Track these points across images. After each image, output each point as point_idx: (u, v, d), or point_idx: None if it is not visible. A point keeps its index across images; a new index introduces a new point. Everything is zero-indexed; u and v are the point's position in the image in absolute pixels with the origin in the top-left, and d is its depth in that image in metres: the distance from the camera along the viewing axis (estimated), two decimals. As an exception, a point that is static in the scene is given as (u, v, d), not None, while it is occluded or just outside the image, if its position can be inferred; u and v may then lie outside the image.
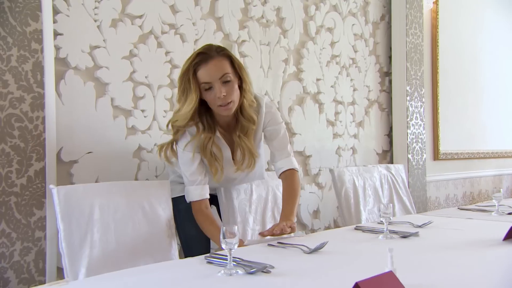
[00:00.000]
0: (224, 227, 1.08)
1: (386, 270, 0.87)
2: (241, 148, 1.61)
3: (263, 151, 1.81)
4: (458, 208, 2.12)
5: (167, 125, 1.61)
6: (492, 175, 3.94)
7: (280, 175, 1.73)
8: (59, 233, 1.34)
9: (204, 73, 1.48)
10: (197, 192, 1.60)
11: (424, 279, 0.94)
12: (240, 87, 1.55)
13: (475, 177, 3.76)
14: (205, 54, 1.49)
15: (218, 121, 1.61)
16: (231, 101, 1.50)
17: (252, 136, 1.62)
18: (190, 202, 1.61)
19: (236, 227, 1.07)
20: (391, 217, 1.39)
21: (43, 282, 1.61)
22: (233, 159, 1.65)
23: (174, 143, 1.60)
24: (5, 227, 1.51)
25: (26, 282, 1.58)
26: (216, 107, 1.52)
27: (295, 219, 1.58)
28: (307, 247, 1.25)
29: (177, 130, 1.57)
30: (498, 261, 1.12)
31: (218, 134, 1.60)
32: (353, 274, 1.02)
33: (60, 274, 1.66)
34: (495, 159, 3.94)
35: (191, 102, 1.48)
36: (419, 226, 1.56)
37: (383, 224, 1.43)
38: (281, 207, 2.00)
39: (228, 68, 1.50)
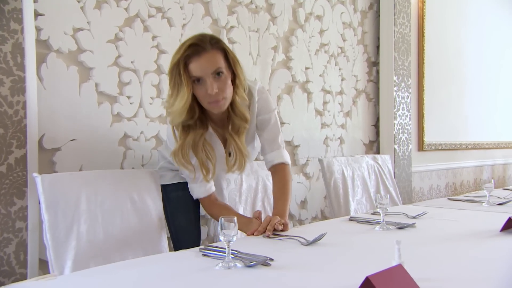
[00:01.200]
0: (222, 218, 1.03)
1: (394, 263, 0.85)
2: (232, 148, 1.52)
3: (258, 143, 1.76)
4: (448, 198, 2.13)
5: (173, 129, 1.48)
6: (473, 166, 4.01)
7: (270, 168, 1.65)
8: (44, 224, 1.27)
9: (195, 67, 1.36)
10: (203, 189, 1.54)
11: (432, 273, 0.92)
12: (233, 82, 1.44)
13: (458, 168, 3.81)
14: (198, 46, 1.37)
15: (210, 117, 1.51)
16: (223, 98, 1.40)
17: (244, 134, 1.52)
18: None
19: (235, 218, 1.03)
20: (388, 208, 1.37)
21: (24, 275, 1.54)
22: (226, 157, 1.57)
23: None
24: (-16, 218, 1.43)
25: (6, 275, 1.50)
26: (206, 104, 1.41)
27: (287, 217, 1.49)
28: (305, 239, 1.22)
29: (183, 127, 1.45)
30: (501, 252, 1.11)
31: (211, 130, 1.51)
32: (355, 267, 0.99)
33: (42, 266, 1.59)
34: (476, 150, 4.01)
35: (184, 98, 1.37)
36: (414, 217, 1.56)
37: (377, 214, 1.41)
38: (271, 197, 1.98)
39: (221, 62, 1.39)
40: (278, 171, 1.60)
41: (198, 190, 1.55)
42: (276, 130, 1.63)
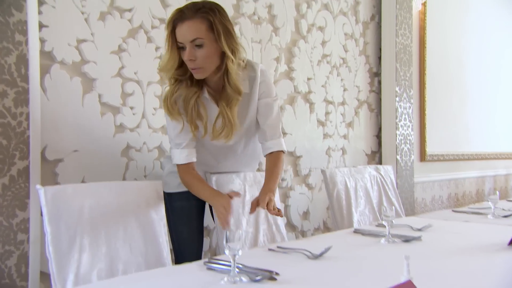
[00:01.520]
0: (227, 231, 1.02)
1: (403, 278, 0.83)
2: (222, 116, 1.51)
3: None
4: (452, 210, 2.12)
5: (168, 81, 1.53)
6: (475, 177, 3.99)
7: (267, 154, 1.66)
8: (46, 237, 1.25)
9: (178, 33, 1.41)
10: (183, 155, 1.53)
11: (440, 288, 0.91)
12: (224, 54, 1.44)
13: (460, 178, 3.80)
14: (182, 13, 1.40)
15: (206, 80, 1.52)
16: (200, 67, 1.42)
17: (236, 106, 1.51)
18: (175, 164, 1.56)
19: (240, 232, 1.01)
20: (393, 221, 1.35)
21: (25, 288, 1.52)
22: (215, 128, 1.56)
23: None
24: (-15, 230, 1.42)
25: (7, 288, 1.48)
26: (189, 68, 1.45)
27: (275, 195, 1.53)
28: (310, 253, 1.21)
29: (175, 80, 1.49)
30: (510, 266, 1.10)
31: (206, 94, 1.52)
32: (363, 282, 0.98)
33: (43, 279, 1.57)
34: (478, 161, 4.00)
35: (171, 57, 1.43)
36: (420, 230, 1.54)
37: (382, 226, 1.40)
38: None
39: (202, 33, 1.39)
40: (275, 157, 1.63)
41: (178, 156, 1.53)
42: (278, 119, 1.65)
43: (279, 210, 1.44)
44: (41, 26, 1.63)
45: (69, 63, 1.73)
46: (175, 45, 1.42)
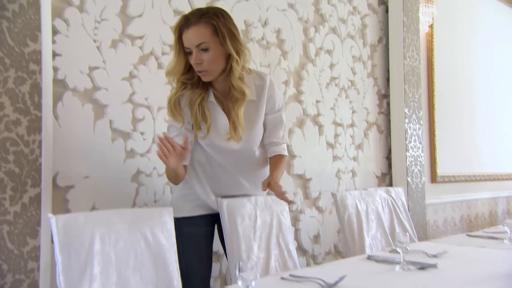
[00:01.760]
0: (240, 262, 1.01)
1: (422, 311, 0.81)
2: (232, 117, 1.57)
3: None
4: (467, 235, 2.08)
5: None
6: (488, 198, 3.93)
7: (271, 156, 1.73)
8: (57, 266, 1.24)
9: (185, 38, 1.48)
10: None
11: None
12: (229, 56, 1.50)
13: (472, 199, 3.74)
14: (187, 19, 1.48)
15: (212, 84, 1.58)
16: (205, 70, 1.49)
17: (242, 107, 1.55)
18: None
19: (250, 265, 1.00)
20: (408, 247, 1.33)
21: (34, 317, 1.51)
22: (230, 128, 1.59)
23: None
24: (-4, 258, 1.41)
25: (16, 317, 1.47)
26: (196, 71, 1.52)
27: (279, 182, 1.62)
28: (324, 281, 1.18)
29: (181, 83, 1.55)
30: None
31: (212, 98, 1.56)
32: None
33: (53, 308, 1.55)
34: (490, 182, 3.94)
35: (178, 62, 1.51)
36: (435, 256, 1.51)
37: (395, 252, 1.37)
38: (286, 234, 1.96)
39: (206, 37, 1.45)
40: (278, 156, 1.71)
41: None
42: (283, 126, 1.74)
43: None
44: (54, 55, 1.66)
45: (81, 90, 1.75)
46: (182, 50, 1.50)
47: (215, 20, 1.46)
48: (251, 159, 1.70)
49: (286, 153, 1.74)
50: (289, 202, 1.58)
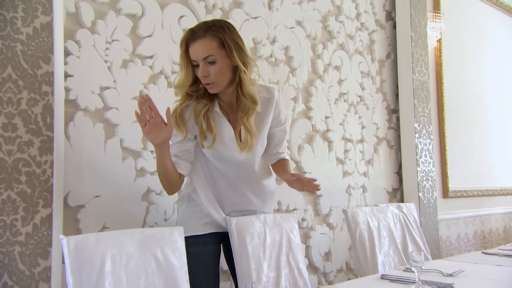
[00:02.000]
0: (253, 284, 0.99)
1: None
2: (245, 127, 1.57)
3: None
4: (483, 252, 2.04)
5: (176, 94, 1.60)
6: (502, 213, 3.87)
7: (274, 161, 1.79)
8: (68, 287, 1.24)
9: (192, 51, 1.50)
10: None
11: None
12: (237, 68, 1.52)
13: (485, 215, 3.68)
14: (194, 32, 1.50)
15: (218, 95, 1.58)
16: (213, 83, 1.51)
17: (253, 116, 1.57)
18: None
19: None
20: (423, 266, 1.30)
21: (45, 339, 1.50)
22: (237, 139, 1.60)
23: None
24: (7, 279, 1.41)
25: (27, 338, 1.46)
26: (203, 84, 1.54)
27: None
28: (337, 303, 1.16)
29: (187, 95, 1.56)
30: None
31: (217, 109, 1.57)
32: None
33: (63, 329, 1.55)
34: (504, 196, 3.88)
35: (186, 75, 1.52)
36: (450, 275, 1.48)
37: (410, 271, 1.35)
38: (296, 252, 1.94)
39: (213, 50, 1.47)
40: (283, 160, 1.77)
41: None
42: (287, 135, 1.82)
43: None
44: (66, 75, 1.68)
45: (92, 110, 1.77)
46: (190, 63, 1.52)
47: (221, 33, 1.48)
48: (254, 170, 1.69)
49: (288, 157, 1.81)
50: (317, 189, 1.59)
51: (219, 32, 1.49)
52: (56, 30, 1.58)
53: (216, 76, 1.50)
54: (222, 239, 1.73)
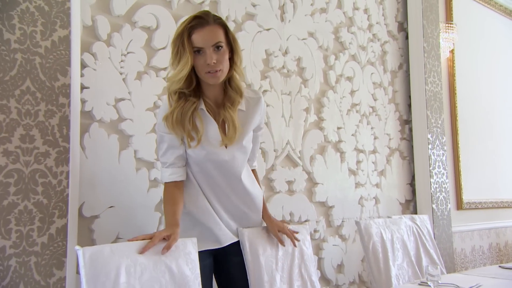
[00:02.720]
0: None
1: None
2: (225, 119, 1.55)
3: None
4: (500, 266, 2.00)
5: (168, 97, 1.53)
6: (517, 225, 3.80)
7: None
8: (83, 299, 1.25)
9: (198, 38, 1.45)
10: (167, 174, 1.55)
11: None
12: (231, 60, 1.53)
13: (501, 227, 3.62)
14: (202, 19, 1.47)
15: (204, 92, 1.56)
16: (220, 69, 1.48)
17: (237, 108, 1.57)
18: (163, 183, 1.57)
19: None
20: (439, 281, 1.28)
21: None
22: (221, 134, 1.56)
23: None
24: (23, 289, 1.43)
25: None
26: (204, 74, 1.49)
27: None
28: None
29: (178, 95, 1.51)
30: None
31: (203, 106, 1.55)
32: None
33: None
34: (519, 208, 3.82)
35: (186, 64, 1.45)
36: (467, 290, 1.46)
37: (425, 285, 1.33)
38: (308, 264, 1.92)
39: (222, 37, 1.48)
40: (254, 172, 1.78)
41: (164, 174, 1.56)
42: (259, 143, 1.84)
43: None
44: (82, 87, 1.71)
45: (107, 121, 1.79)
46: (192, 51, 1.46)
47: (225, 22, 1.53)
48: (240, 174, 1.64)
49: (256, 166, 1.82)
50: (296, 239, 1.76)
51: (222, 20, 1.53)
52: (73, 43, 1.61)
53: (222, 63, 1.49)
54: (215, 254, 1.67)
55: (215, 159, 1.57)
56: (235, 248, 1.68)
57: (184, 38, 1.46)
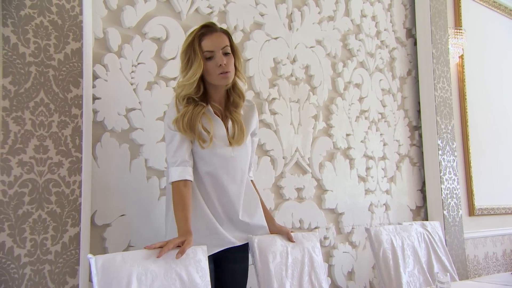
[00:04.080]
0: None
1: None
2: (232, 120, 1.65)
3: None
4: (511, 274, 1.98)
5: (176, 102, 1.59)
6: (531, 231, 3.75)
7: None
8: (95, 306, 1.27)
9: (208, 42, 1.57)
10: (177, 173, 1.54)
11: None
12: (234, 66, 1.63)
13: (514, 233, 3.58)
14: (210, 27, 1.61)
15: (211, 96, 1.64)
16: (229, 71, 1.58)
17: (241, 110, 1.69)
18: (170, 183, 1.55)
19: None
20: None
21: None
22: (227, 135, 1.64)
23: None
24: (37, 297, 1.46)
25: None
26: (215, 76, 1.58)
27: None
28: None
29: (187, 99, 1.58)
30: None
31: (210, 109, 1.62)
32: None
33: None
34: (533, 214, 3.77)
35: (198, 68, 1.55)
36: (478, 298, 1.45)
37: (435, 293, 1.33)
38: (318, 271, 1.93)
39: (228, 43, 1.61)
40: (253, 184, 1.81)
41: (173, 173, 1.54)
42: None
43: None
44: (94, 98, 1.75)
45: (118, 131, 1.82)
46: (203, 56, 1.57)
47: (229, 34, 1.66)
48: (245, 170, 1.69)
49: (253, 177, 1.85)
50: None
51: (228, 33, 1.66)
52: (85, 55, 1.65)
53: (230, 66, 1.59)
54: (215, 259, 1.67)
55: (222, 154, 1.62)
56: (232, 256, 1.68)
57: (195, 44, 1.57)
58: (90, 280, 1.34)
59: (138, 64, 1.90)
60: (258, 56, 2.33)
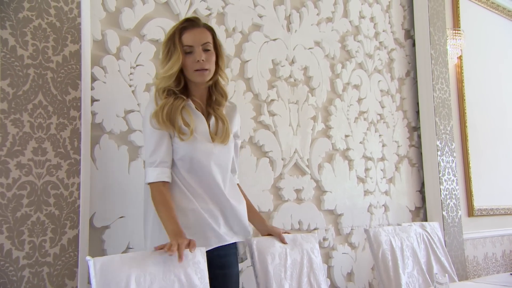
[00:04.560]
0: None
1: None
2: (215, 117, 1.62)
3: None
4: (511, 274, 1.98)
5: (155, 95, 1.55)
6: (531, 232, 3.75)
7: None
8: (94, 309, 1.27)
9: (188, 37, 1.55)
10: (154, 174, 1.50)
11: None
12: (217, 64, 1.61)
13: (514, 233, 3.58)
14: (193, 22, 1.58)
15: (192, 92, 1.61)
16: (207, 69, 1.56)
17: (224, 109, 1.66)
18: (147, 183, 1.51)
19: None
20: (447, 289, 1.28)
21: None
22: (209, 131, 1.60)
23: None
24: (36, 299, 1.45)
25: None
26: (192, 72, 1.56)
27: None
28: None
29: (167, 92, 1.55)
30: None
31: (191, 102, 1.59)
32: None
33: None
34: (532, 214, 3.77)
35: (176, 61, 1.53)
36: (476, 299, 1.45)
37: (434, 294, 1.33)
38: (317, 272, 1.93)
39: (210, 40, 1.59)
40: (239, 188, 1.77)
41: (150, 174, 1.50)
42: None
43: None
44: (92, 100, 1.75)
45: (117, 133, 1.82)
46: (182, 49, 1.54)
47: (213, 31, 1.64)
48: (229, 166, 1.65)
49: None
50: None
51: (211, 28, 1.63)
52: (84, 57, 1.65)
53: (209, 63, 1.57)
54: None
55: (203, 149, 1.56)
56: (220, 261, 1.62)
57: (176, 37, 1.55)
58: (89, 282, 1.34)
59: (137, 66, 1.90)
60: (257, 58, 2.33)
